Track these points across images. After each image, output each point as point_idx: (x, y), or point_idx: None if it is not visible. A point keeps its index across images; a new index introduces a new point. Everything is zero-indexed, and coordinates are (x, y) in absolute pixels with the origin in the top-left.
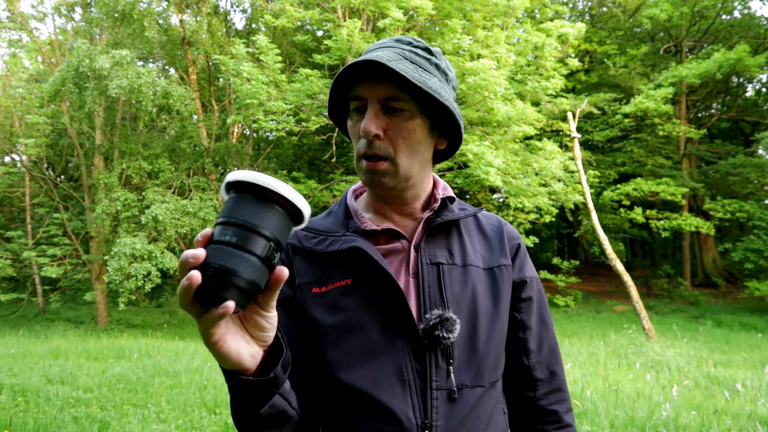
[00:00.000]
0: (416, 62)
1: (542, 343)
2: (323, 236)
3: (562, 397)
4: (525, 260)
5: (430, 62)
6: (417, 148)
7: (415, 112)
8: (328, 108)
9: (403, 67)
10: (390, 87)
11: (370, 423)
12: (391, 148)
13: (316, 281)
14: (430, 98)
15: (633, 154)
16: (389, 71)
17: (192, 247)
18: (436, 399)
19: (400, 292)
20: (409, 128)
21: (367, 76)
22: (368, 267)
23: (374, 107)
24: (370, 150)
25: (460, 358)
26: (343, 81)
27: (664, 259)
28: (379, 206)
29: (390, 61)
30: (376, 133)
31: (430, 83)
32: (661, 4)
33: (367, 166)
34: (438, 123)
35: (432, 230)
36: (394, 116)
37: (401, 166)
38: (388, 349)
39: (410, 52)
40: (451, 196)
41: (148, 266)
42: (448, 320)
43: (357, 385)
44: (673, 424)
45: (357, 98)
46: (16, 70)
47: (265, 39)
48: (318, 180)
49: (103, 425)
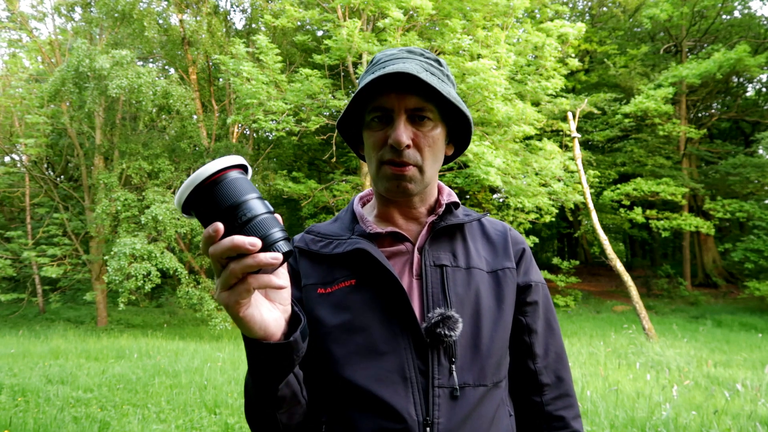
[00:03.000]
0: (435, 74)
1: (549, 347)
2: (329, 240)
3: (570, 402)
4: (530, 265)
5: (442, 73)
6: (438, 156)
7: (438, 121)
8: (341, 118)
9: (431, 79)
10: (417, 98)
11: (372, 420)
12: (419, 156)
13: (321, 282)
14: (452, 108)
15: (633, 154)
16: (419, 83)
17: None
18: (438, 397)
19: (403, 292)
20: (434, 137)
21: (395, 88)
22: (372, 268)
23: (402, 117)
24: (399, 158)
25: (463, 357)
26: (362, 92)
27: (664, 259)
28: (385, 210)
29: (419, 73)
30: (408, 144)
31: (453, 94)
32: (661, 4)
33: (394, 170)
34: (451, 130)
35: (436, 233)
36: (421, 126)
37: (426, 172)
38: (391, 348)
39: (427, 64)
40: (456, 201)
41: (148, 266)
42: (450, 318)
43: (359, 383)
44: (673, 424)
45: (380, 108)
46: (16, 70)
47: (265, 39)
48: (318, 180)
49: (103, 425)
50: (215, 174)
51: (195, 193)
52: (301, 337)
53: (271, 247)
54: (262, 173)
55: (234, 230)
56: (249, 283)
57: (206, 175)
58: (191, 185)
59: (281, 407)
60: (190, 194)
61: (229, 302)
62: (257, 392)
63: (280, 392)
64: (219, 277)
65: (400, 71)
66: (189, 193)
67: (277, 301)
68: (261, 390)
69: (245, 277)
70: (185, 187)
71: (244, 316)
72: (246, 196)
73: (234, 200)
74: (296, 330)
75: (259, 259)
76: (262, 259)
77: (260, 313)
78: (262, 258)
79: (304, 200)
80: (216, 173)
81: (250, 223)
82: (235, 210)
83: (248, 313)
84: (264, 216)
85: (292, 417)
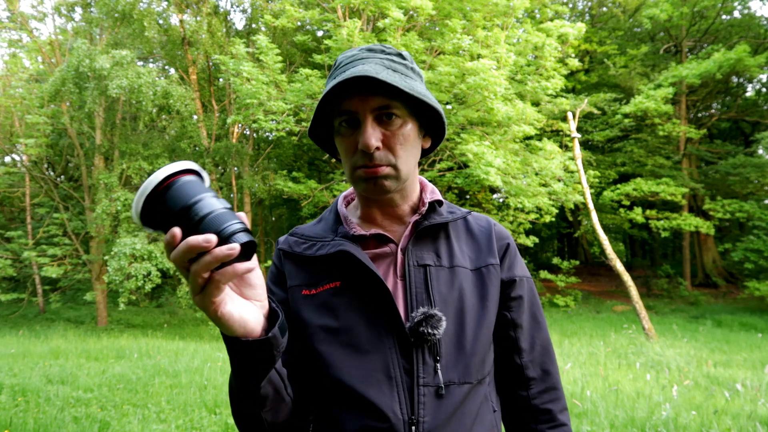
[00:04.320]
0: (398, 70)
1: (534, 342)
2: (313, 242)
3: (556, 396)
4: (515, 259)
5: (406, 67)
6: (412, 152)
7: (406, 117)
8: (311, 128)
9: (391, 77)
10: (381, 97)
11: (357, 419)
12: (391, 155)
13: (306, 284)
14: (419, 102)
15: (633, 154)
16: (379, 83)
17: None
18: (423, 395)
19: (388, 292)
20: (404, 134)
21: (357, 91)
22: (356, 269)
23: (369, 119)
24: (371, 162)
25: (448, 355)
26: (325, 98)
27: (664, 259)
28: (368, 211)
29: (378, 73)
30: (377, 146)
31: (417, 88)
32: (661, 4)
33: (367, 172)
34: (424, 123)
35: (419, 233)
36: (389, 124)
37: (401, 169)
38: (376, 347)
39: (389, 60)
40: (439, 199)
41: (148, 266)
42: (433, 317)
43: (345, 382)
44: (673, 424)
45: (346, 112)
46: (16, 70)
47: (265, 39)
48: (318, 180)
49: (103, 425)
50: (165, 181)
51: (148, 202)
52: (280, 332)
53: (228, 240)
54: (262, 173)
55: (190, 232)
56: (216, 281)
57: (156, 183)
58: (143, 195)
59: (265, 405)
60: (143, 205)
61: (204, 304)
62: (240, 390)
63: (263, 390)
64: (189, 282)
65: (359, 74)
66: (143, 204)
67: (252, 298)
68: (243, 388)
69: (211, 275)
70: (138, 198)
71: (221, 315)
72: (198, 196)
73: (186, 202)
74: (275, 325)
75: (216, 254)
76: (218, 253)
77: (238, 310)
78: (218, 252)
79: (304, 200)
80: (165, 180)
81: (203, 220)
82: (188, 211)
83: (226, 311)
84: (219, 212)
85: (277, 415)
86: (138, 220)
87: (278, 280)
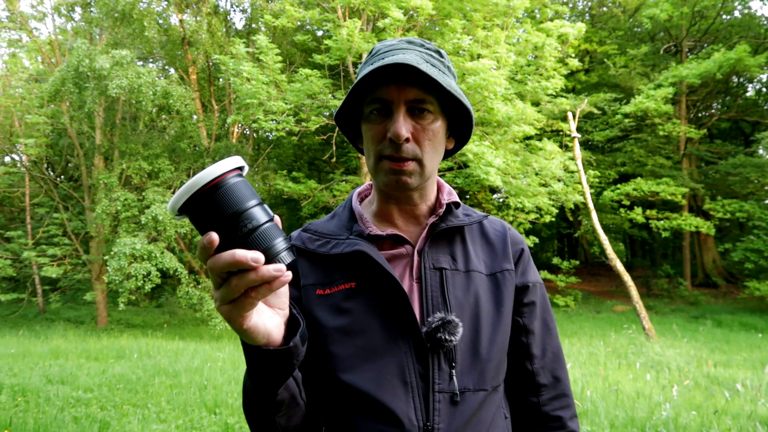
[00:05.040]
0: (436, 65)
1: (546, 348)
2: (327, 239)
3: (567, 403)
4: (528, 265)
5: (443, 64)
6: (438, 149)
7: (438, 113)
8: (339, 110)
9: (431, 70)
10: (417, 90)
11: (371, 424)
12: (419, 149)
13: (320, 283)
14: (453, 100)
15: (633, 154)
16: (419, 74)
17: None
18: (438, 402)
19: (404, 295)
20: (434, 130)
21: (394, 79)
22: (372, 271)
23: (401, 110)
24: (397, 153)
25: (463, 361)
26: (360, 83)
27: (664, 259)
28: (385, 208)
29: (419, 64)
30: (407, 137)
31: (454, 86)
32: (661, 4)
33: (392, 165)
34: (452, 124)
35: (436, 236)
36: (420, 118)
37: (427, 167)
38: (391, 351)
39: (428, 55)
40: (457, 201)
41: (148, 266)
42: (450, 323)
43: (359, 386)
44: (673, 424)
45: (379, 100)
46: (16, 70)
47: (265, 39)
48: (318, 180)
49: (103, 425)
50: (215, 179)
51: (193, 199)
52: (301, 341)
53: (274, 260)
54: (262, 173)
55: (235, 240)
56: (252, 297)
57: (206, 181)
58: (189, 191)
59: (280, 410)
60: (188, 200)
61: (231, 316)
62: (256, 396)
63: (279, 396)
64: (218, 290)
65: (400, 62)
66: (187, 199)
67: (276, 306)
68: (260, 394)
69: (247, 291)
70: (183, 192)
71: (248, 328)
72: (248, 204)
73: (235, 208)
74: (296, 334)
75: (263, 274)
76: (265, 273)
77: (263, 322)
78: (265, 272)
79: (304, 200)
80: (216, 178)
81: (252, 234)
82: (237, 219)
83: (251, 324)
84: (266, 225)
85: (291, 419)
86: (173, 212)
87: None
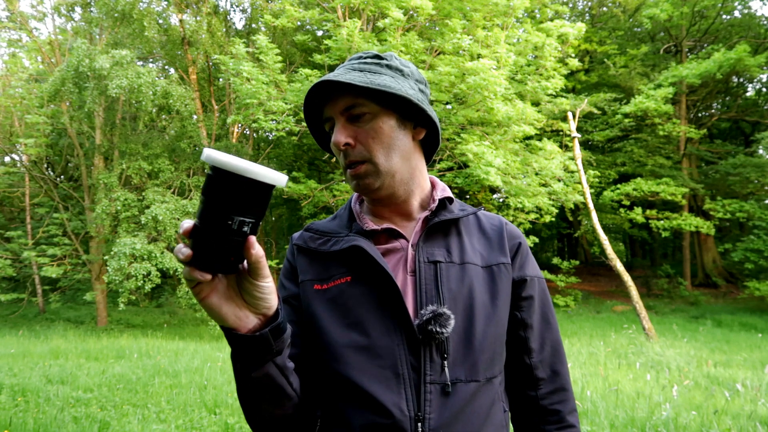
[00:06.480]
0: (365, 69)
1: (544, 342)
2: (327, 237)
3: (565, 397)
4: (526, 259)
5: (380, 65)
6: (391, 144)
7: (376, 112)
8: (317, 141)
9: (351, 77)
10: (346, 98)
11: (363, 414)
12: (366, 151)
13: (318, 279)
14: (385, 94)
15: (633, 154)
16: (343, 86)
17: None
18: (429, 392)
19: (396, 288)
20: (375, 128)
21: (327, 97)
22: (367, 265)
23: (340, 120)
24: (346, 159)
25: (456, 352)
26: (315, 109)
27: (664, 259)
28: (378, 210)
29: (338, 76)
30: (346, 142)
31: (378, 81)
32: (661, 4)
33: (351, 172)
34: (406, 115)
35: (430, 229)
36: (359, 122)
37: (380, 164)
38: (384, 344)
39: (359, 63)
40: (450, 197)
41: (147, 266)
42: (441, 315)
43: (352, 378)
44: (673, 424)
45: (327, 119)
46: (16, 70)
47: (265, 39)
48: (318, 180)
49: (103, 425)
50: (264, 183)
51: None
52: (273, 337)
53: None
54: None
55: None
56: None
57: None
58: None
59: (263, 398)
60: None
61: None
62: (236, 376)
63: (256, 378)
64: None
65: (318, 81)
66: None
67: (252, 307)
68: (236, 375)
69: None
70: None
71: (206, 305)
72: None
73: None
74: (267, 327)
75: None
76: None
77: (219, 303)
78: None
79: (304, 200)
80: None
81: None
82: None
83: (211, 302)
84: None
85: (280, 408)
86: (207, 160)
87: (290, 275)
